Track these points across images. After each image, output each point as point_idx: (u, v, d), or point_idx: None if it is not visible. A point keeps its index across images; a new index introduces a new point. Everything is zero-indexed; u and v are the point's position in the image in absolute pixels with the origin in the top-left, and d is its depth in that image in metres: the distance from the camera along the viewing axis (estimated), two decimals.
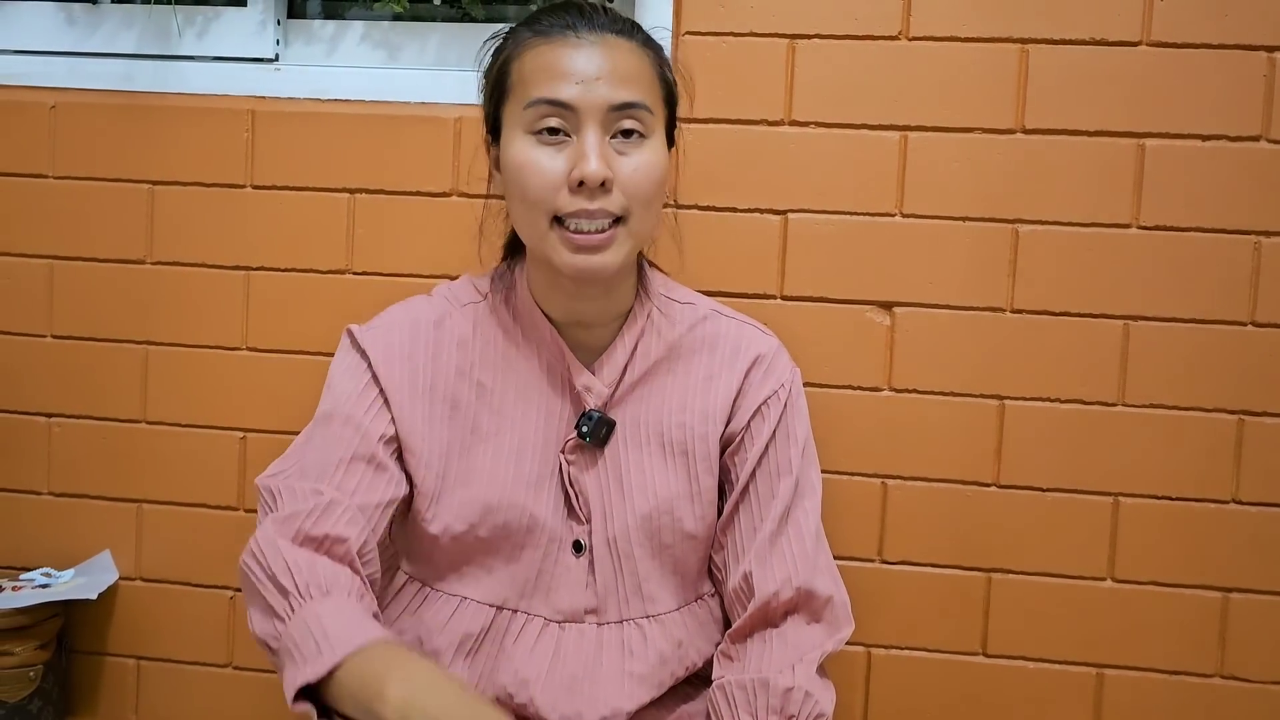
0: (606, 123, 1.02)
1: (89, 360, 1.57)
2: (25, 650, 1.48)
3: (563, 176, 1.02)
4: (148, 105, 1.53)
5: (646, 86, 1.05)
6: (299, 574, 0.96)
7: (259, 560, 0.99)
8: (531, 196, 1.03)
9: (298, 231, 1.51)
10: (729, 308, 1.20)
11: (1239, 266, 1.37)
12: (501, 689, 1.09)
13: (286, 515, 1.01)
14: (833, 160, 1.42)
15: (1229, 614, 1.40)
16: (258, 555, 0.99)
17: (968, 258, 1.41)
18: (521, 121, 1.04)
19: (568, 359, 1.12)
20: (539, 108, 1.02)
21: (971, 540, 1.43)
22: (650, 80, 1.06)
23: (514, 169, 1.04)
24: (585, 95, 1.01)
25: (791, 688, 1.04)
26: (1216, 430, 1.39)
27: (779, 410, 1.14)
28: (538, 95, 1.02)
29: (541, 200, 1.03)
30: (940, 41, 1.40)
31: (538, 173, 1.02)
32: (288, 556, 0.98)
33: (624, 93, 1.02)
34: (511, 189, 1.06)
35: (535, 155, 1.03)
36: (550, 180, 1.02)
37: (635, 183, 1.03)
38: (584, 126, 1.02)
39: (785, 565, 1.10)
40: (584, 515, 1.12)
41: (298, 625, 0.93)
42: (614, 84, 1.02)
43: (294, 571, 0.96)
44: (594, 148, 1.01)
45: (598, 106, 1.02)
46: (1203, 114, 1.36)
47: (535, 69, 1.04)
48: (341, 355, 1.13)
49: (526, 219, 1.05)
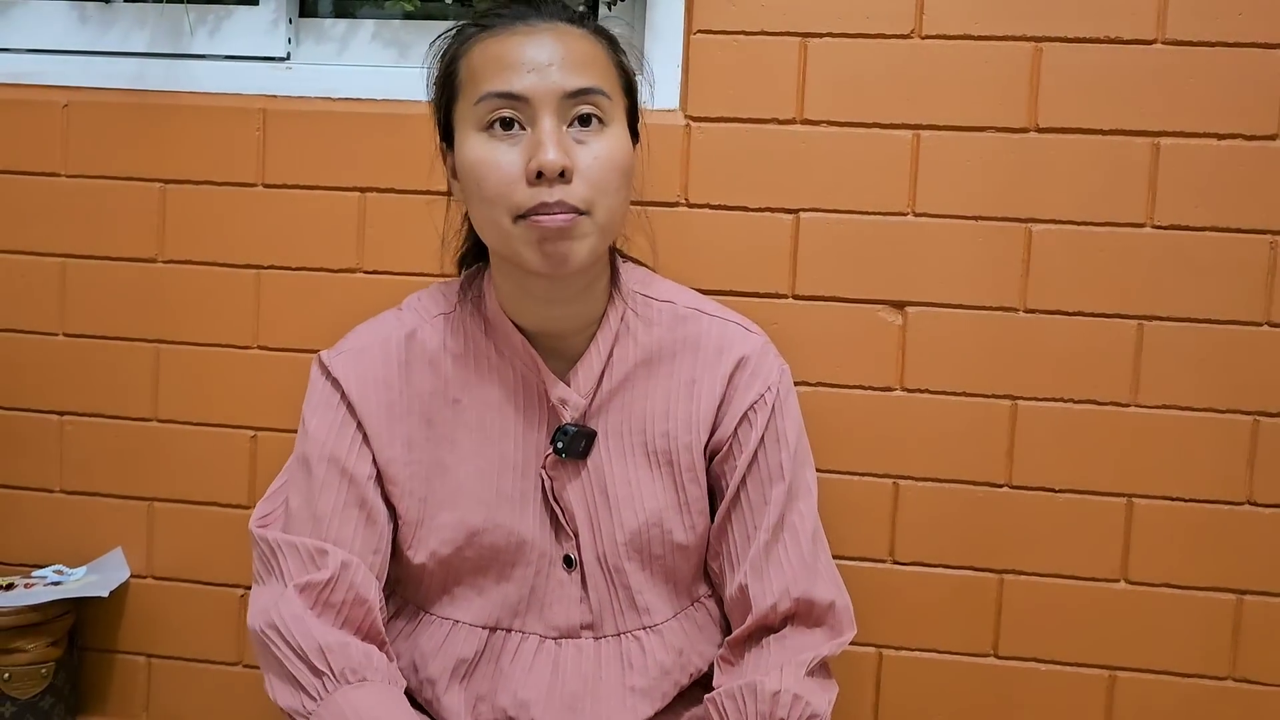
0: (562, 110, 0.98)
1: (101, 358, 1.57)
2: (37, 647, 1.48)
3: (520, 170, 0.97)
4: (160, 104, 1.54)
5: (602, 72, 1.01)
6: (333, 656, 0.98)
7: (282, 633, 0.99)
8: (490, 193, 0.98)
9: (309, 230, 1.51)
10: (712, 302, 1.17)
11: (1254, 266, 1.36)
12: (502, 712, 1.08)
13: (304, 584, 1.01)
14: (845, 159, 1.41)
15: (1243, 616, 1.39)
16: (280, 627, 0.99)
17: (980, 257, 1.40)
18: (473, 118, 0.99)
19: (541, 371, 1.08)
20: (490, 101, 0.98)
21: (983, 541, 1.42)
22: (605, 66, 1.02)
23: (469, 168, 1.00)
24: (538, 83, 0.97)
25: (779, 690, 1.01)
26: (1231, 431, 1.38)
27: (766, 415, 1.09)
28: (488, 89, 0.98)
29: (500, 196, 0.98)
30: (953, 40, 1.39)
31: (494, 168, 0.98)
32: (319, 636, 0.98)
33: (579, 78, 0.98)
34: (469, 191, 1.02)
35: (490, 151, 0.98)
36: (507, 174, 0.97)
37: (597, 171, 0.98)
38: (539, 116, 0.97)
39: (783, 576, 1.07)
40: (571, 530, 1.09)
41: (331, 709, 0.96)
42: (567, 70, 0.98)
43: (327, 653, 0.98)
44: (550, 136, 0.96)
45: (552, 94, 0.97)
46: (1218, 113, 1.35)
47: (484, 62, 0.99)
48: (315, 388, 1.10)
49: (488, 219, 1.00)
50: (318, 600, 1.01)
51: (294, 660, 0.98)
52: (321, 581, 1.01)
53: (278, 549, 1.04)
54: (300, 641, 0.98)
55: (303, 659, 0.98)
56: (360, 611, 1.02)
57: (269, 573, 1.05)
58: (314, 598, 1.01)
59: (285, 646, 0.99)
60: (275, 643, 0.99)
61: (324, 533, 1.04)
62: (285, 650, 0.99)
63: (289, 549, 1.04)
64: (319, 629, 0.99)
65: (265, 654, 1.02)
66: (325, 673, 0.97)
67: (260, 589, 1.06)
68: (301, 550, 1.03)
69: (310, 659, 0.98)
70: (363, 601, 1.02)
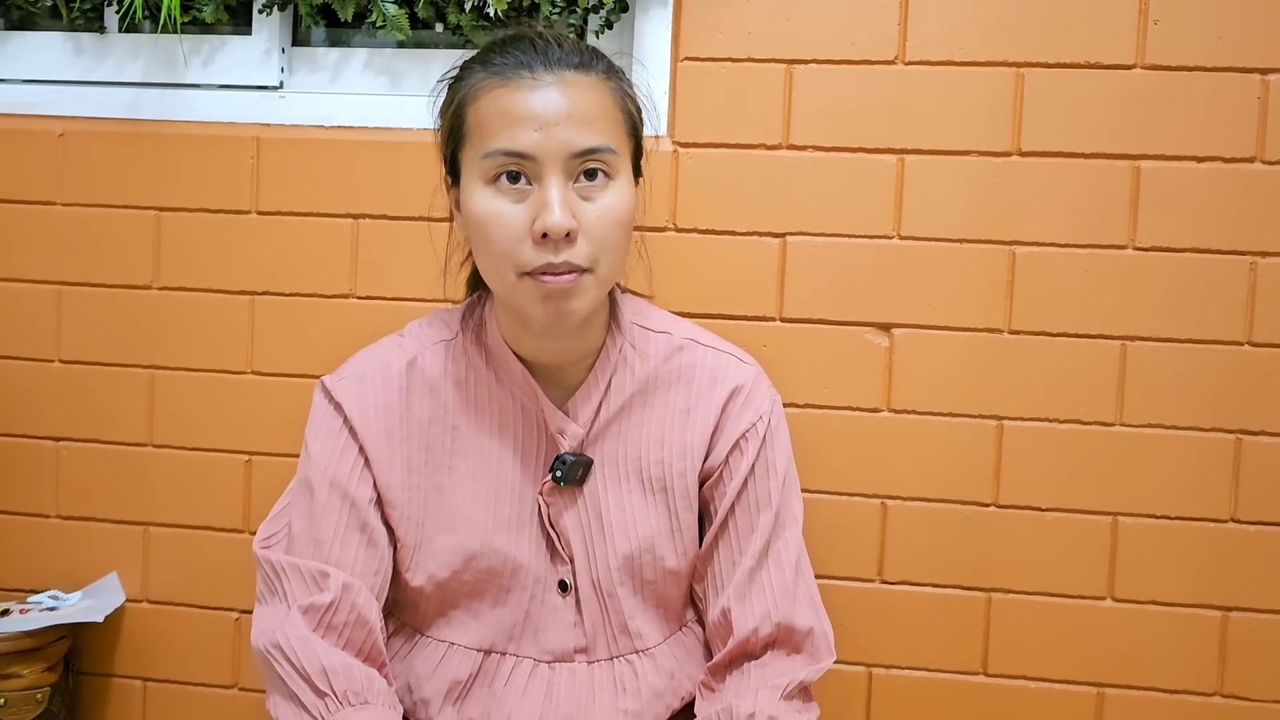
0: (569, 168, 0.98)
1: (96, 384, 1.58)
2: (33, 673, 1.49)
3: (525, 227, 0.98)
4: (154, 133, 1.55)
5: (609, 126, 1.01)
6: (336, 678, 1.00)
7: (286, 654, 1.01)
8: (496, 250, 0.99)
9: (302, 256, 1.53)
10: (707, 333, 1.18)
11: (1235, 287, 1.38)
12: None
13: (307, 605, 1.03)
14: (831, 183, 1.43)
15: (1229, 633, 1.40)
16: (284, 647, 1.01)
17: (965, 279, 1.42)
18: (479, 170, 1.00)
19: (541, 401, 1.09)
20: (496, 158, 0.98)
21: (971, 560, 1.43)
22: (613, 117, 1.02)
23: (476, 220, 1.01)
24: (545, 142, 0.97)
25: (754, 713, 1.02)
26: (1214, 449, 1.39)
27: (757, 444, 1.11)
28: (495, 145, 0.98)
29: (506, 253, 0.99)
30: (936, 66, 1.41)
31: (499, 225, 0.98)
32: (323, 658, 1.00)
33: (586, 137, 0.98)
34: (475, 239, 1.03)
35: (496, 207, 0.99)
36: (513, 232, 0.98)
37: (601, 229, 0.99)
38: (545, 174, 0.97)
39: (764, 601, 1.08)
40: (566, 556, 1.11)
41: None
42: (575, 128, 0.98)
43: (330, 675, 1.00)
44: (556, 198, 0.97)
45: (559, 153, 0.97)
46: (1197, 136, 1.37)
47: (491, 114, 0.99)
48: (317, 412, 1.11)
49: (493, 271, 1.02)
50: (320, 622, 1.03)
51: (297, 680, 1.00)
52: (324, 604, 1.03)
53: (281, 570, 1.06)
54: (304, 662, 1.00)
55: (306, 680, 1.00)
56: (362, 633, 1.04)
57: (272, 593, 1.07)
58: (317, 619, 1.03)
59: (289, 666, 1.01)
60: (279, 662, 1.01)
61: (326, 555, 1.06)
62: (289, 670, 1.00)
63: (292, 571, 1.05)
64: (323, 650, 1.01)
65: (269, 673, 1.03)
66: (328, 694, 0.99)
67: (263, 609, 1.08)
68: (304, 572, 1.05)
69: (314, 680, 1.00)
70: (364, 623, 1.04)
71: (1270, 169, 1.37)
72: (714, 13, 1.44)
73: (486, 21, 1.50)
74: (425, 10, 1.50)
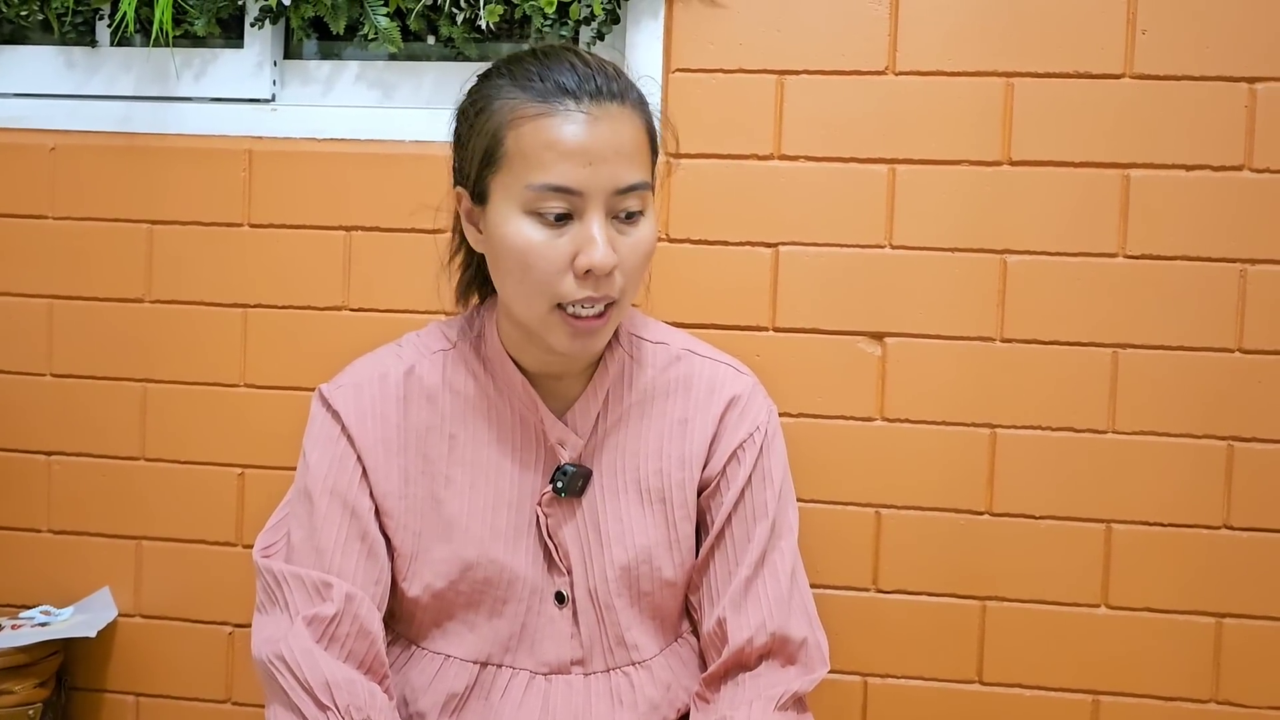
0: (611, 205, 0.98)
1: (88, 398, 1.58)
2: (24, 689, 1.48)
3: (566, 261, 0.98)
4: (146, 146, 1.55)
5: (644, 160, 1.02)
6: (339, 692, 0.99)
7: (290, 665, 1.00)
8: (534, 279, 0.99)
9: (295, 269, 1.53)
10: (704, 344, 1.18)
11: (1225, 294, 1.39)
12: None
13: (311, 617, 1.02)
14: (822, 193, 1.44)
15: (1223, 639, 1.40)
16: (288, 659, 1.00)
17: (957, 288, 1.42)
18: (520, 199, 0.98)
19: (540, 411, 1.09)
20: (544, 193, 0.97)
21: (965, 568, 1.44)
22: (645, 150, 1.02)
23: (512, 250, 0.99)
24: (593, 179, 0.97)
25: None
26: (1206, 456, 1.40)
27: (755, 454, 1.11)
28: (543, 180, 0.97)
29: (544, 285, 0.99)
30: (926, 76, 1.42)
31: (541, 258, 0.98)
32: (327, 671, 1.00)
33: (629, 174, 0.98)
34: (507, 265, 1.01)
35: (537, 237, 0.98)
36: (555, 266, 0.98)
37: (634, 262, 1.01)
38: (589, 210, 0.97)
39: (760, 611, 1.08)
40: (564, 567, 1.11)
41: None
42: (620, 165, 0.98)
43: (333, 689, 0.99)
44: (601, 235, 0.97)
45: (603, 190, 0.97)
46: (1186, 144, 1.38)
47: (537, 146, 0.97)
48: (315, 421, 1.11)
49: (525, 301, 1.01)
50: (324, 634, 1.02)
51: (300, 693, 1.00)
52: (328, 616, 1.02)
53: (283, 580, 1.05)
54: (308, 676, 0.99)
55: (309, 693, 0.99)
56: (364, 644, 1.04)
57: (273, 603, 1.06)
58: (320, 631, 1.02)
59: (292, 679, 1.00)
60: (282, 673, 1.01)
61: (327, 565, 1.05)
62: (292, 682, 1.00)
63: (294, 580, 1.05)
64: (327, 664, 1.00)
65: (270, 684, 1.03)
66: (330, 708, 0.99)
67: (264, 618, 1.07)
68: (307, 582, 1.04)
69: (316, 694, 0.99)
70: (367, 634, 1.04)
71: (1259, 177, 1.37)
72: (705, 24, 1.45)
73: (478, 34, 1.50)
74: (417, 23, 1.50)
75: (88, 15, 1.58)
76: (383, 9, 1.49)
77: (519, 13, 1.47)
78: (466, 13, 1.48)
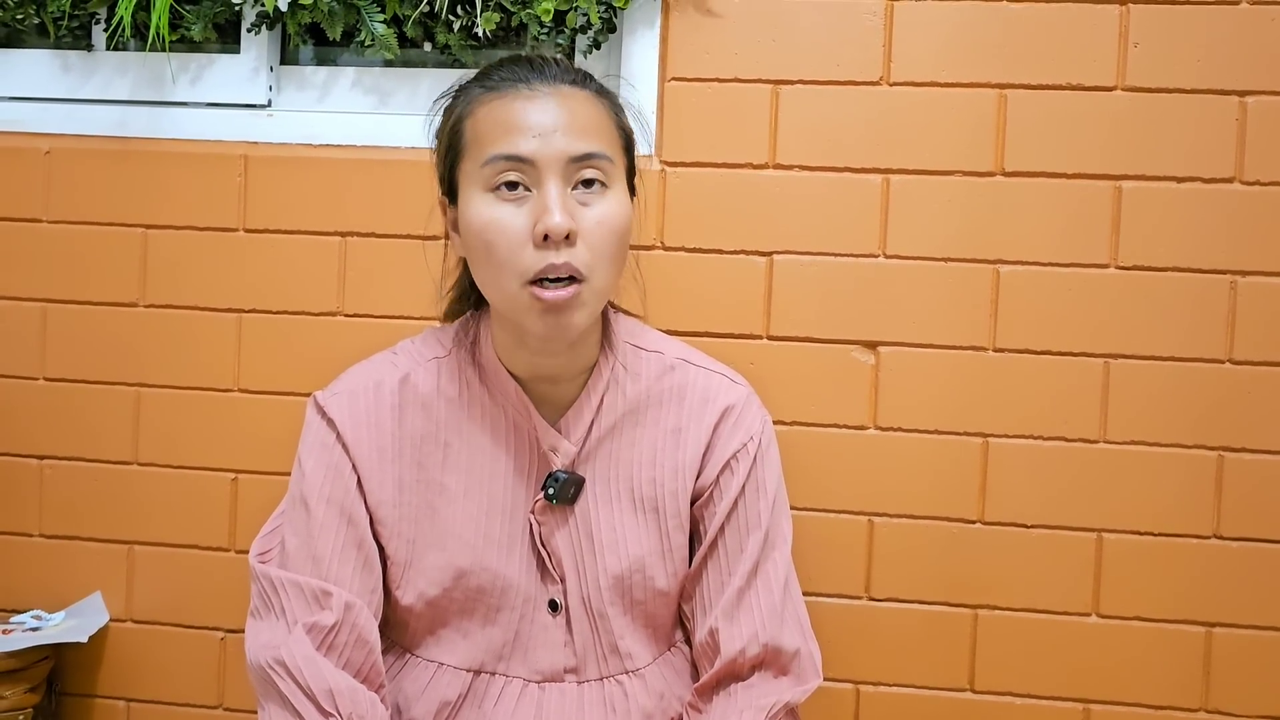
0: (567, 174, 1.00)
1: (81, 402, 1.58)
2: (15, 694, 1.47)
3: (526, 232, 0.99)
4: (142, 150, 1.55)
5: (605, 135, 1.03)
6: (341, 700, 1.00)
7: (292, 671, 1.01)
8: (498, 256, 1.00)
9: (290, 274, 1.53)
10: (699, 353, 1.19)
11: (1216, 305, 1.40)
12: None
13: (310, 625, 1.02)
14: (817, 202, 1.44)
15: (1213, 648, 1.41)
16: (290, 665, 1.01)
17: (950, 297, 1.43)
18: (480, 179, 1.01)
19: (534, 418, 1.10)
20: (497, 164, 1.00)
21: (957, 577, 1.44)
22: (608, 128, 1.05)
23: (476, 229, 1.02)
24: (544, 148, 0.99)
25: None
26: (1197, 466, 1.41)
27: (748, 464, 1.12)
28: (495, 151, 1.00)
29: (508, 260, 1.00)
30: (920, 87, 1.43)
31: (501, 231, 1.00)
32: (330, 679, 1.01)
33: (583, 143, 1.00)
34: (475, 250, 1.03)
35: (497, 213, 1.00)
36: (515, 237, 0.99)
37: (598, 236, 1.01)
38: (544, 179, 0.99)
39: (752, 621, 1.09)
40: (557, 575, 1.11)
41: None
42: (572, 135, 1.00)
43: (336, 696, 1.00)
44: (556, 200, 0.99)
45: (557, 158, 0.99)
46: (1177, 157, 1.39)
47: (490, 124, 1.01)
48: (310, 428, 1.11)
49: (494, 282, 1.03)
50: (323, 642, 1.02)
51: (302, 699, 1.00)
52: (328, 625, 1.03)
53: (280, 586, 1.05)
54: (311, 682, 1.00)
55: (311, 699, 1.00)
56: (362, 653, 1.04)
57: (268, 609, 1.06)
58: (320, 639, 1.02)
59: (293, 684, 1.00)
60: (283, 678, 1.01)
61: (324, 573, 1.05)
62: (293, 688, 1.00)
63: (292, 588, 1.05)
64: (330, 672, 1.01)
65: (267, 688, 1.03)
66: (333, 714, 0.99)
67: (259, 624, 1.07)
68: (305, 590, 1.04)
69: (319, 700, 0.99)
70: (365, 643, 1.04)
71: (1249, 189, 1.39)
72: (701, 34, 1.46)
73: (475, 41, 1.51)
74: (414, 30, 1.51)
75: (84, 19, 1.58)
76: (379, 16, 1.49)
77: (515, 20, 1.47)
78: (463, 20, 1.49)
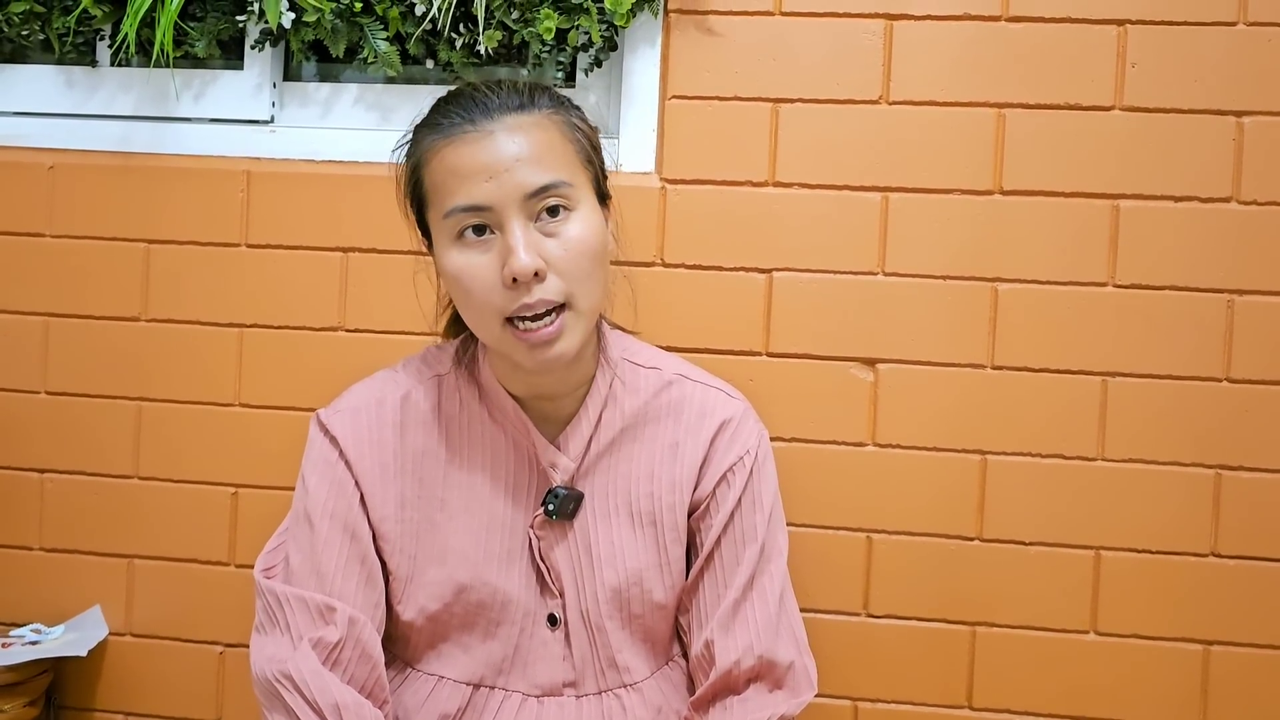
0: (528, 209, 1.00)
1: (83, 416, 1.58)
2: (14, 708, 1.47)
3: (496, 275, 1.00)
4: (145, 166, 1.56)
5: (559, 160, 1.02)
6: (348, 714, 1.01)
7: (299, 685, 1.01)
8: (475, 302, 1.02)
9: (291, 290, 1.53)
10: (697, 369, 1.20)
11: (1213, 324, 1.40)
12: None
13: (316, 640, 1.03)
14: (816, 220, 1.45)
15: (1210, 666, 1.41)
16: (297, 679, 1.01)
17: (949, 315, 1.44)
18: (445, 230, 1.02)
19: (532, 435, 1.11)
20: (456, 216, 1.00)
21: (956, 594, 1.44)
22: (562, 150, 1.03)
23: (450, 277, 1.03)
24: (498, 190, 0.99)
25: None
26: (1195, 484, 1.41)
27: (744, 477, 1.13)
28: (452, 204, 1.00)
29: (485, 304, 1.01)
30: (919, 106, 1.44)
31: (473, 277, 1.01)
32: (337, 694, 1.01)
33: (538, 175, 1.00)
34: (455, 295, 1.05)
35: (466, 260, 1.01)
36: (486, 281, 1.00)
37: (569, 262, 1.00)
38: (505, 221, 0.99)
39: (748, 633, 1.09)
40: (556, 590, 1.12)
41: None
42: (527, 168, 0.99)
43: (343, 710, 1.01)
44: (520, 240, 0.98)
45: (514, 197, 0.99)
46: (1175, 176, 1.40)
47: (444, 174, 1.01)
48: (314, 445, 1.12)
49: (477, 324, 1.05)
50: (328, 657, 1.03)
51: (309, 712, 1.01)
52: (333, 641, 1.03)
53: (285, 602, 1.06)
54: (318, 697, 1.01)
55: (318, 713, 1.00)
56: (366, 669, 1.05)
57: (273, 624, 1.07)
58: (325, 654, 1.03)
59: (300, 698, 1.01)
60: (290, 691, 1.01)
61: (328, 589, 1.06)
62: (300, 701, 1.01)
63: (297, 603, 1.06)
64: (336, 687, 1.02)
65: (274, 701, 1.03)
66: None
67: (263, 638, 1.08)
68: (310, 605, 1.05)
69: (325, 714, 1.00)
70: (369, 659, 1.05)
71: (1246, 209, 1.39)
72: (702, 52, 1.46)
73: (477, 59, 1.52)
74: (416, 47, 1.52)
75: (89, 35, 1.59)
76: (382, 33, 1.50)
77: (517, 39, 1.48)
78: (466, 38, 1.50)
